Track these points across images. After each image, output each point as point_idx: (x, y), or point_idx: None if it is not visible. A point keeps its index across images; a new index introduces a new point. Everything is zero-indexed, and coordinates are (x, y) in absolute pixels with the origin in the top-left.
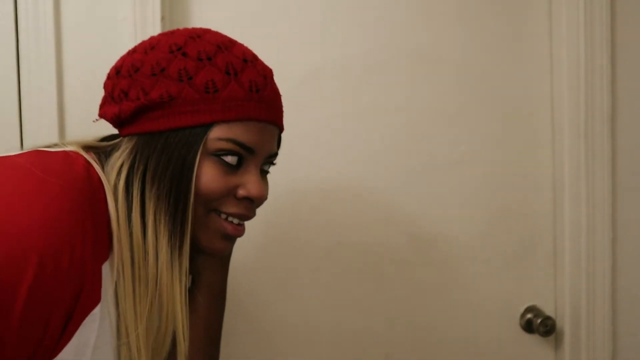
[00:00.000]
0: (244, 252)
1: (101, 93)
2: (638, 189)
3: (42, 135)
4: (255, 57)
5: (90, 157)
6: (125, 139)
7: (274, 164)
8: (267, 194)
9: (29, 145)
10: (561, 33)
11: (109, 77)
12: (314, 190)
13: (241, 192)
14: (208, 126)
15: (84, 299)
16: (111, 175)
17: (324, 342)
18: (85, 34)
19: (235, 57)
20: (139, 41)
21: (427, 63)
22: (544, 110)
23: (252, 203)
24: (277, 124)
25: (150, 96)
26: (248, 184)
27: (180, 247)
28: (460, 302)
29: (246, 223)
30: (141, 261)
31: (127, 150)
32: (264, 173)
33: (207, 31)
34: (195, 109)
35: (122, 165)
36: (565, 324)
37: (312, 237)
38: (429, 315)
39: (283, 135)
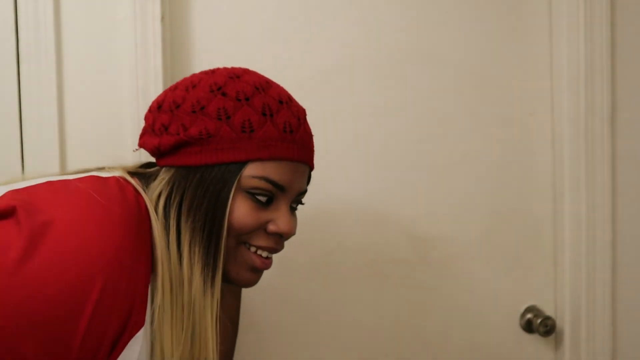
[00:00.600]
0: None
1: (101, 93)
2: (638, 189)
3: (41, 134)
4: (290, 98)
5: (136, 184)
6: (164, 169)
7: (302, 203)
8: (295, 229)
9: (29, 145)
10: (561, 33)
11: (150, 110)
12: (314, 191)
13: (272, 228)
14: (243, 164)
15: (133, 321)
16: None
17: (324, 342)
18: (85, 33)
19: (271, 99)
20: (138, 41)
21: (427, 63)
22: (544, 110)
23: (282, 238)
24: (309, 164)
25: (190, 132)
26: (278, 219)
27: (213, 278)
28: (460, 302)
29: None
30: (178, 288)
31: (165, 181)
32: (292, 209)
33: (246, 71)
34: (231, 147)
35: (160, 195)
36: (565, 324)
37: (312, 237)
38: (428, 315)
39: None
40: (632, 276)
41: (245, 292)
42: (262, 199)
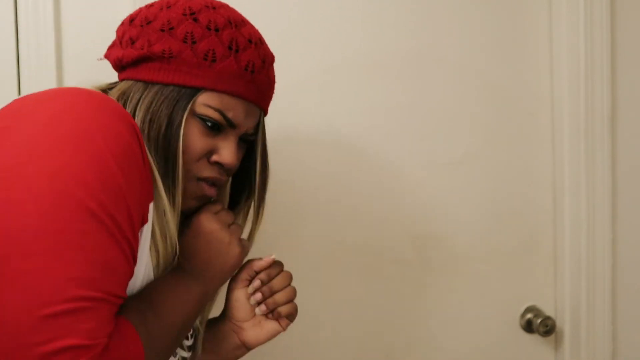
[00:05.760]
0: None
1: None
2: (638, 189)
3: None
4: (261, 41)
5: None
6: (123, 82)
7: (248, 143)
8: (238, 163)
9: None
10: (561, 33)
11: (122, 23)
12: (315, 190)
13: (214, 158)
14: (197, 90)
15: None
16: None
17: (324, 342)
18: (85, 34)
19: (241, 36)
20: None
21: (427, 63)
22: (544, 110)
23: (222, 169)
24: (262, 107)
25: (153, 48)
26: (223, 150)
27: (174, 188)
28: (460, 302)
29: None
30: None
31: (120, 92)
32: (240, 142)
33: (224, 5)
34: (189, 71)
35: None
36: (565, 324)
37: (312, 236)
38: (428, 315)
39: (285, 136)
40: (632, 276)
41: None
42: (211, 125)
